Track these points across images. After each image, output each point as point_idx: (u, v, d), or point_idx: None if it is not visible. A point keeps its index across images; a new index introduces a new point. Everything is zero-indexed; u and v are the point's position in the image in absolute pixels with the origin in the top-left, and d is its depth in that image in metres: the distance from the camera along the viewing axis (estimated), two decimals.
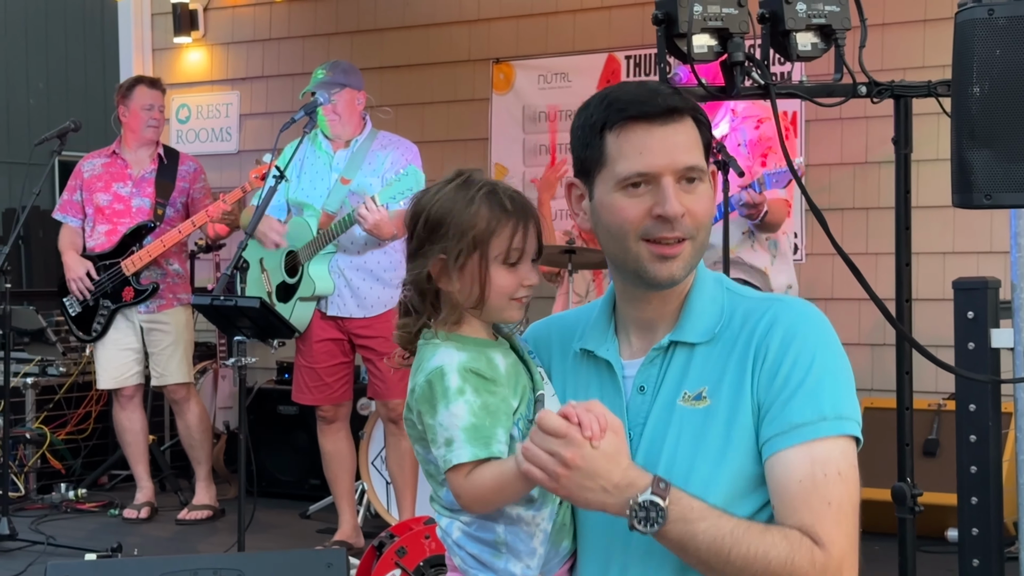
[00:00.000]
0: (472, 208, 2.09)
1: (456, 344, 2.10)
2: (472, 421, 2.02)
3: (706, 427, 1.99)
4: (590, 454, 1.86)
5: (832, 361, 1.98)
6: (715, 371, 2.02)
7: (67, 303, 6.45)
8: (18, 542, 5.72)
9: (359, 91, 5.58)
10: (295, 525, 6.35)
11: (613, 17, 6.97)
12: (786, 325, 2.00)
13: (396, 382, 5.53)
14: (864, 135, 6.26)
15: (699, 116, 2.07)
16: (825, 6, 2.97)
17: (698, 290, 2.10)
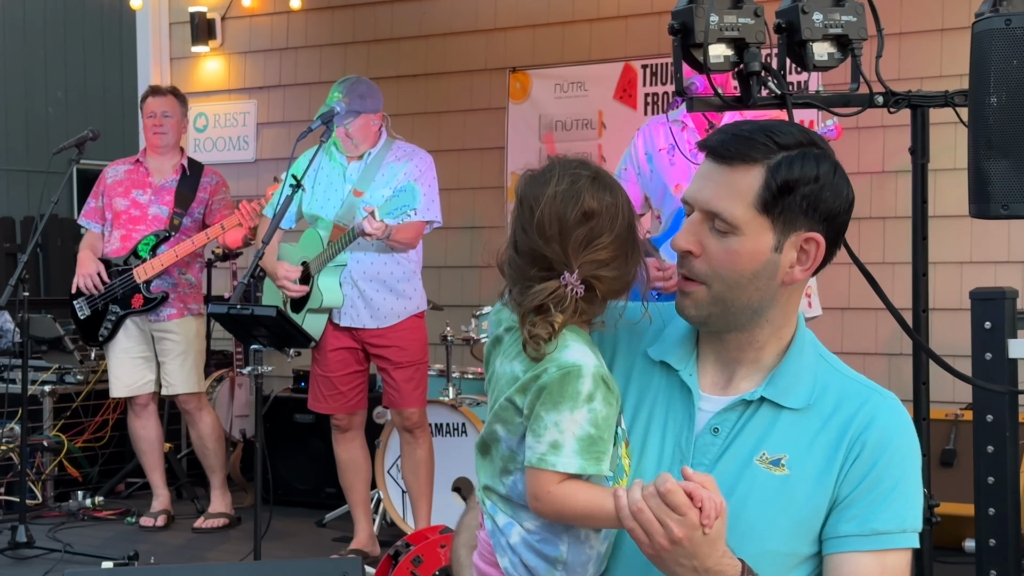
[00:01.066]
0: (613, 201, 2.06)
1: (583, 341, 2.01)
2: (591, 432, 1.94)
3: (781, 495, 1.95)
4: (698, 538, 1.83)
5: (917, 473, 2.00)
6: (801, 442, 1.98)
7: (77, 306, 6.47)
8: (35, 550, 5.74)
9: (375, 113, 5.57)
10: (311, 534, 6.36)
11: (630, 26, 6.98)
12: (883, 426, 1.98)
13: (411, 392, 5.54)
14: (881, 144, 6.25)
15: (776, 173, 1.95)
16: (842, 16, 2.97)
17: (796, 352, 2.04)
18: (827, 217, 1.98)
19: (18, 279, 5.66)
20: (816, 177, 1.95)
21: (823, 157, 1.97)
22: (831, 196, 1.97)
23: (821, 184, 1.95)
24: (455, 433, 5.90)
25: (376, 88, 5.62)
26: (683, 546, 1.82)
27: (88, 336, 6.52)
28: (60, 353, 7.25)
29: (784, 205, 1.95)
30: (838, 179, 1.98)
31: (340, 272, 5.50)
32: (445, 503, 5.76)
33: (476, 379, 6.42)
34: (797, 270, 1.99)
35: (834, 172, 1.97)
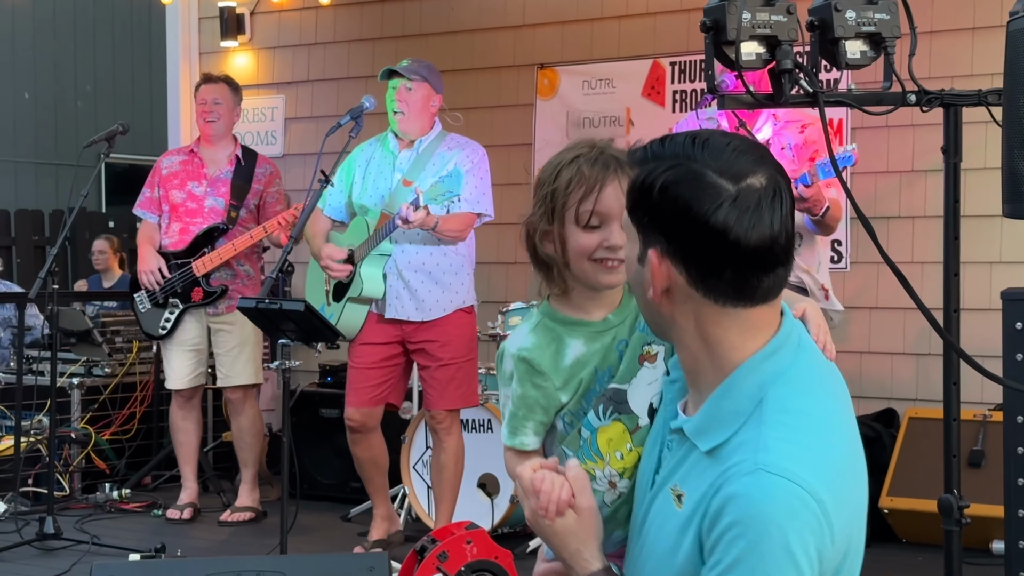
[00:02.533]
0: (554, 170, 2.17)
1: (538, 323, 2.21)
2: (511, 409, 2.21)
3: (673, 530, 1.87)
4: (544, 525, 1.97)
5: (763, 561, 1.71)
6: (698, 485, 1.83)
7: (138, 299, 6.52)
8: (63, 541, 5.76)
9: (437, 93, 5.48)
10: (336, 528, 6.37)
11: (658, 23, 6.96)
12: (736, 499, 1.74)
13: (451, 392, 5.41)
14: (911, 143, 6.22)
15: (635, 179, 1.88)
16: (875, 14, 2.95)
17: (725, 391, 1.85)
18: (675, 236, 1.82)
19: (48, 272, 5.68)
20: (654, 189, 1.81)
21: (678, 169, 1.81)
22: (672, 212, 1.80)
23: (660, 198, 1.81)
24: (481, 429, 5.91)
25: (440, 73, 5.56)
26: (536, 525, 1.98)
27: (150, 330, 6.56)
28: (89, 346, 7.29)
29: (638, 215, 1.86)
30: (684, 193, 1.79)
31: (384, 262, 5.40)
32: (471, 499, 5.76)
33: None
34: (650, 291, 1.86)
35: (681, 185, 1.79)
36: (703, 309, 1.84)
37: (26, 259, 10.59)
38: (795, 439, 1.78)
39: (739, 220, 1.78)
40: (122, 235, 11.14)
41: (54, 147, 13.28)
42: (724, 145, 1.83)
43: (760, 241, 1.79)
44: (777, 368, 1.84)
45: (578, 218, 2.14)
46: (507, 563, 4.35)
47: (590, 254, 2.14)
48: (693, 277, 1.82)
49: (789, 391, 1.84)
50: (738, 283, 1.81)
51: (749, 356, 1.84)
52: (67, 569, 5.36)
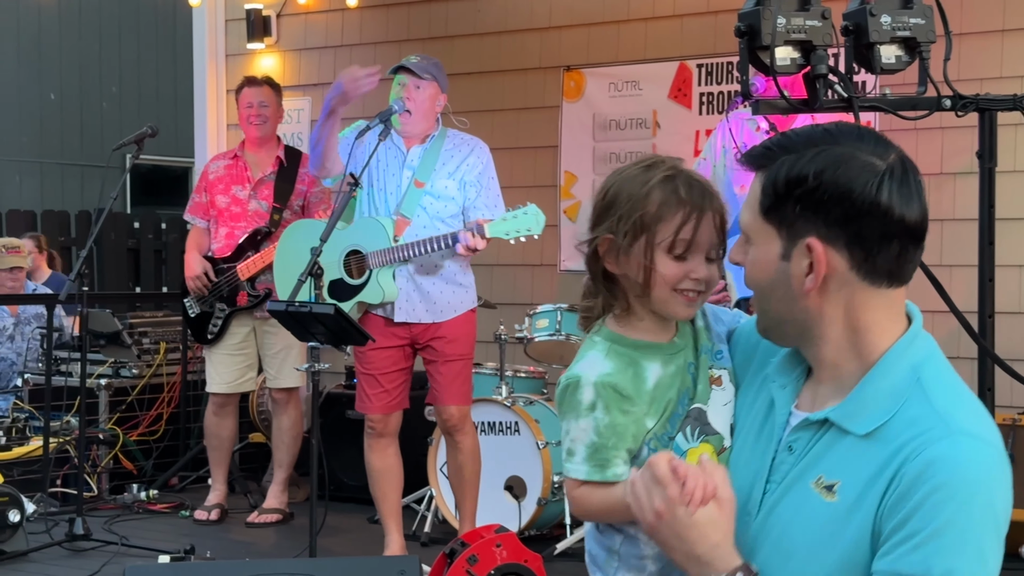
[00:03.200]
0: (645, 190, 2.04)
1: (608, 348, 2.08)
2: (595, 440, 2.04)
3: (825, 522, 1.84)
4: (682, 516, 1.84)
5: (970, 524, 1.74)
6: (857, 470, 1.83)
7: (187, 305, 6.55)
8: (92, 542, 5.79)
9: (442, 92, 5.42)
10: (363, 530, 6.38)
11: (685, 25, 6.95)
12: (931, 460, 1.76)
13: (456, 388, 5.36)
14: (940, 146, 6.20)
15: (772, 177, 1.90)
16: (910, 18, 2.95)
17: (880, 373, 1.86)
18: (837, 221, 1.82)
19: (78, 274, 5.70)
20: (808, 177, 1.82)
21: (824, 155, 1.83)
22: (832, 196, 1.81)
23: (815, 185, 1.81)
24: (508, 432, 5.91)
25: (445, 71, 5.50)
26: (668, 523, 1.84)
27: (199, 335, 6.59)
28: (118, 347, 7.32)
29: (782, 211, 1.85)
30: (842, 175, 1.81)
31: (394, 266, 5.31)
32: (498, 502, 5.76)
33: (529, 378, 6.42)
34: (809, 280, 1.84)
35: (836, 169, 1.81)
36: (857, 294, 1.86)
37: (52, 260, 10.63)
38: (970, 408, 1.83)
39: (899, 195, 1.81)
40: (147, 236, 11.19)
41: (80, 148, 13.33)
42: (853, 129, 1.88)
43: (919, 214, 1.84)
44: (924, 350, 1.89)
45: (673, 246, 2.02)
46: (536, 566, 4.35)
47: (675, 284, 2.04)
48: (856, 259, 1.83)
49: (941, 370, 1.88)
50: (900, 260, 1.85)
51: (895, 340, 1.88)
52: (97, 570, 5.39)
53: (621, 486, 1.98)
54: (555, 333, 6.13)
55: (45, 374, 6.81)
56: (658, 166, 2.08)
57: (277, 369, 6.48)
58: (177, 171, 13.88)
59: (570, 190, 7.33)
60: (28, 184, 13.02)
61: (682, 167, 2.10)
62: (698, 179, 2.07)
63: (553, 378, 6.63)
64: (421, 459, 6.06)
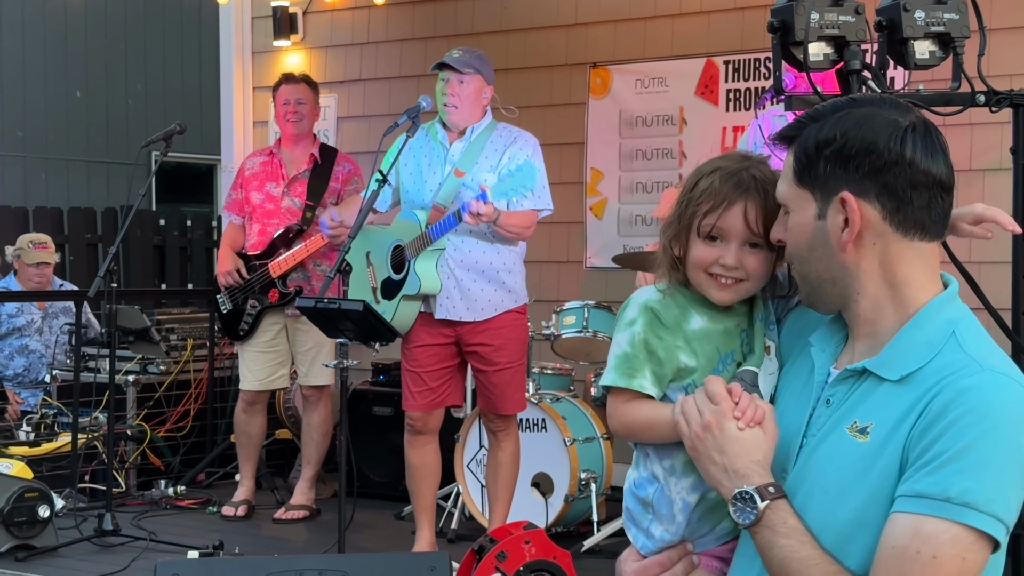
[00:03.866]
0: (696, 177, 2.21)
1: (666, 288, 2.23)
2: (627, 351, 2.18)
3: (858, 462, 1.92)
4: (729, 430, 1.98)
5: (992, 451, 1.81)
6: (889, 412, 1.92)
7: (220, 301, 6.58)
8: (121, 537, 5.81)
9: (488, 84, 5.38)
10: (389, 526, 6.39)
11: (712, 22, 6.94)
12: (961, 390, 1.85)
13: (509, 396, 5.32)
14: (968, 141, 6.17)
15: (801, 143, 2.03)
16: (944, 14, 2.94)
17: (917, 324, 1.96)
18: (866, 173, 1.93)
19: (107, 271, 5.72)
20: (835, 137, 1.94)
21: (848, 116, 1.95)
22: (859, 150, 1.93)
23: (843, 142, 1.93)
24: (535, 428, 5.91)
25: (491, 63, 5.46)
26: (714, 435, 1.98)
27: (230, 331, 6.62)
28: (147, 344, 7.34)
29: (814, 172, 1.97)
30: (867, 131, 1.93)
31: (438, 257, 5.24)
32: (525, 499, 5.76)
33: (556, 375, 6.42)
34: (846, 234, 1.95)
35: (860, 127, 1.93)
36: (892, 246, 1.95)
37: (78, 257, 10.66)
38: (1003, 358, 1.92)
39: (923, 148, 1.92)
40: (172, 233, 11.22)
41: (105, 145, 13.38)
42: (875, 96, 2.02)
43: (945, 168, 1.95)
44: (960, 311, 1.98)
45: (699, 229, 2.17)
46: (565, 563, 4.35)
47: (706, 267, 2.17)
48: (888, 209, 1.93)
49: (976, 328, 1.97)
50: (929, 210, 1.94)
51: (932, 297, 1.97)
52: (126, 566, 5.41)
53: (667, 407, 2.11)
54: (582, 330, 6.13)
55: (74, 370, 6.84)
56: (725, 158, 2.23)
57: (308, 366, 6.50)
58: (202, 168, 13.92)
59: (596, 187, 7.32)
60: (54, 181, 13.08)
61: (752, 160, 2.21)
62: (753, 172, 2.17)
63: (580, 375, 6.63)
64: (448, 456, 6.06)
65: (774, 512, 1.92)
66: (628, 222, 7.20)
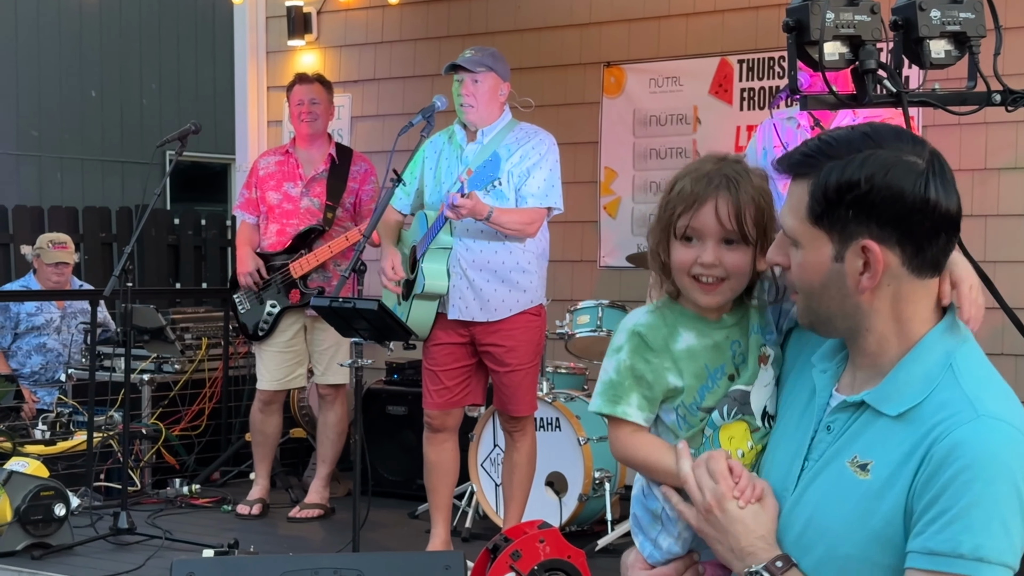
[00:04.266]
0: (672, 183, 2.24)
1: (656, 307, 2.26)
2: (612, 377, 2.22)
3: (858, 500, 1.95)
4: (731, 510, 2.02)
5: (996, 504, 1.85)
6: (889, 450, 1.94)
7: (237, 300, 6.59)
8: (136, 536, 5.83)
9: (504, 81, 5.37)
10: (403, 525, 6.40)
11: (726, 21, 6.93)
12: (960, 442, 1.87)
13: (520, 397, 5.32)
14: (983, 141, 6.16)
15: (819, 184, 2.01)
16: (960, 13, 2.92)
17: (915, 358, 1.98)
18: (890, 220, 1.92)
19: (122, 270, 5.74)
20: (859, 182, 1.92)
21: (872, 160, 1.93)
22: (885, 198, 1.92)
23: (867, 188, 1.92)
24: (549, 428, 5.91)
25: (506, 59, 5.45)
26: (716, 515, 2.01)
27: (249, 331, 6.64)
28: (162, 343, 7.36)
29: (834, 216, 1.95)
30: (893, 178, 1.91)
31: (447, 256, 5.26)
32: (539, 498, 5.76)
33: (570, 374, 6.43)
34: (865, 279, 1.95)
35: (886, 173, 1.91)
36: (903, 287, 1.97)
37: (93, 256, 10.67)
38: (998, 395, 1.93)
39: (942, 190, 1.94)
40: (187, 232, 11.24)
41: (120, 145, 13.41)
42: (888, 130, 1.99)
43: (957, 204, 1.96)
44: (957, 339, 1.99)
45: (676, 231, 2.19)
46: (580, 562, 4.35)
47: (687, 269, 2.18)
48: (908, 254, 1.94)
49: (973, 359, 1.98)
50: (945, 249, 1.97)
51: (931, 328, 1.99)
52: (142, 564, 5.43)
53: (670, 453, 2.15)
54: (596, 329, 6.13)
55: (89, 369, 6.86)
56: (703, 160, 2.24)
57: (325, 365, 6.51)
58: (216, 168, 13.95)
59: (610, 186, 7.32)
60: (69, 181, 13.11)
61: (727, 160, 2.22)
62: (726, 171, 2.19)
63: (594, 374, 6.63)
64: (462, 455, 6.06)
65: None
66: (642, 221, 7.19)
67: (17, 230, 10.12)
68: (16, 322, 7.93)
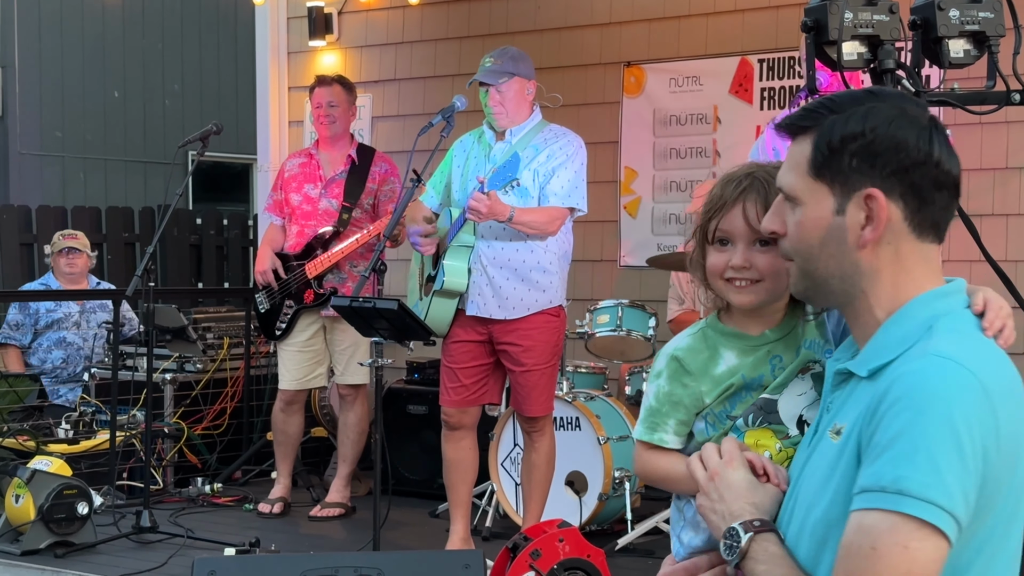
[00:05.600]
0: (711, 191, 2.29)
1: (700, 329, 2.30)
2: (652, 404, 2.29)
3: (830, 463, 1.90)
4: (727, 477, 2.01)
5: (924, 434, 1.74)
6: (857, 410, 1.88)
7: (257, 300, 6.64)
8: (158, 534, 5.86)
9: (529, 80, 5.36)
10: (424, 524, 6.42)
11: (746, 20, 6.93)
12: (899, 377, 1.81)
13: (536, 398, 5.31)
14: (1005, 140, 6.14)
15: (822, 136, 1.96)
16: (979, 12, 2.93)
17: (897, 321, 1.92)
18: (894, 171, 1.89)
19: (145, 270, 5.77)
20: (863, 132, 1.89)
21: (875, 111, 1.90)
22: (888, 148, 1.89)
23: (872, 138, 1.89)
24: (569, 427, 5.92)
25: (528, 56, 5.45)
26: (713, 483, 2.02)
27: (267, 331, 6.67)
28: (184, 342, 7.40)
29: (836, 166, 1.91)
30: (896, 128, 1.89)
31: (468, 255, 5.27)
32: (559, 497, 5.77)
33: (589, 373, 6.43)
34: (868, 232, 1.90)
35: (890, 123, 1.89)
36: (904, 247, 1.92)
37: (116, 256, 10.74)
38: (967, 344, 1.85)
39: (945, 148, 1.92)
40: (209, 232, 11.29)
41: (143, 145, 13.47)
42: (891, 90, 2.01)
43: (958, 168, 1.94)
44: (949, 307, 1.93)
45: (709, 236, 2.24)
46: (599, 561, 4.36)
47: (720, 273, 2.22)
48: (911, 208, 1.91)
49: (960, 323, 1.92)
50: (945, 211, 1.94)
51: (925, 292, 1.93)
52: (164, 562, 5.45)
53: (677, 461, 2.22)
54: (616, 329, 6.13)
55: (111, 368, 6.90)
56: (742, 167, 2.29)
57: (345, 365, 6.53)
58: (238, 168, 13.99)
59: (630, 186, 7.32)
60: (92, 181, 13.17)
61: (766, 167, 2.24)
62: (759, 175, 2.22)
63: (613, 374, 6.64)
64: (482, 454, 6.07)
65: (757, 543, 1.92)
66: (662, 221, 7.19)
67: (41, 230, 10.19)
68: (36, 319, 7.98)
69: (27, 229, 10.35)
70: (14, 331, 7.98)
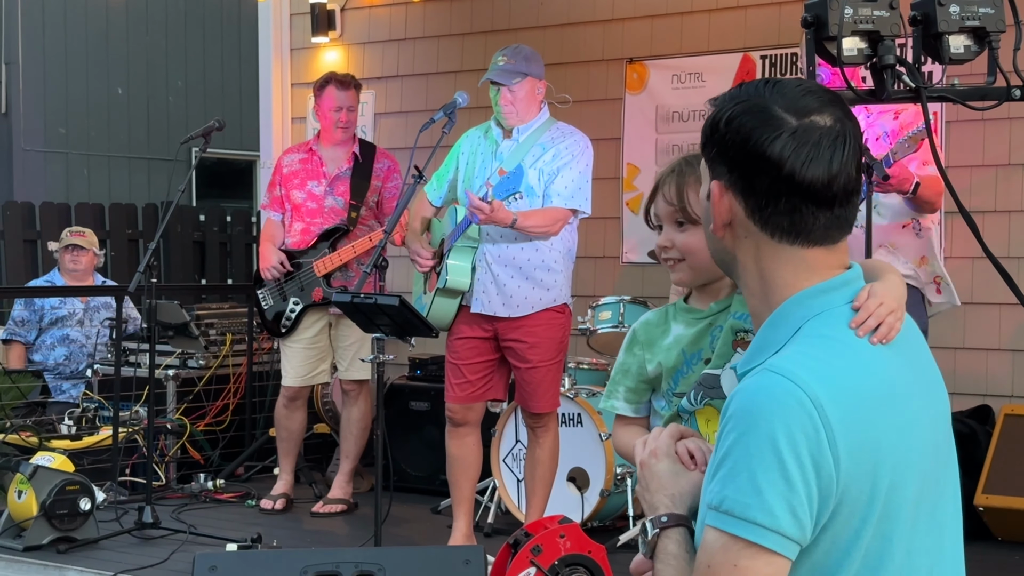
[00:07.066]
0: None
1: (665, 307, 2.49)
2: (612, 374, 2.53)
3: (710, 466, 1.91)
4: (653, 466, 1.99)
5: (746, 454, 1.75)
6: None
7: (261, 296, 6.63)
8: (161, 530, 5.86)
9: (540, 80, 5.38)
10: (426, 520, 6.42)
11: (749, 16, 6.92)
12: (738, 398, 1.79)
13: (541, 394, 5.32)
14: (1007, 136, 6.13)
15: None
16: (979, 8, 2.92)
17: (772, 322, 1.89)
18: (734, 168, 1.87)
19: (147, 266, 5.78)
20: (720, 122, 1.87)
21: (741, 103, 1.86)
22: (733, 144, 1.86)
23: (725, 131, 1.86)
24: (571, 423, 5.92)
25: (539, 56, 5.45)
26: (642, 472, 2.02)
27: (271, 328, 6.67)
28: (186, 339, 7.41)
29: (706, 153, 1.93)
30: (742, 125, 1.84)
31: (473, 253, 5.29)
32: (561, 493, 5.78)
33: (592, 370, 6.43)
34: (718, 219, 1.91)
35: (741, 117, 1.85)
36: (762, 246, 1.88)
37: (120, 252, 10.76)
38: (813, 354, 1.80)
39: (796, 153, 1.82)
40: (212, 228, 11.30)
41: (146, 142, 13.49)
42: (794, 86, 1.89)
43: (816, 177, 1.83)
44: (825, 305, 1.87)
45: (649, 221, 2.44)
46: (600, 557, 4.36)
47: (658, 254, 2.40)
48: (750, 208, 1.87)
49: (829, 321, 1.86)
50: (793, 217, 1.85)
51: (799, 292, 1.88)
52: (166, 558, 5.46)
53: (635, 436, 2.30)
54: (618, 325, 6.13)
55: (114, 365, 6.91)
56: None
57: (349, 361, 6.54)
58: (242, 164, 14.01)
59: (632, 182, 7.32)
60: (96, 177, 13.20)
61: (691, 154, 2.40)
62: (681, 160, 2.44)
63: None
64: (485, 450, 6.08)
65: (661, 540, 1.91)
66: None
67: (44, 227, 10.21)
68: (40, 316, 7.99)
69: (31, 226, 10.37)
70: (20, 328, 8.00)
